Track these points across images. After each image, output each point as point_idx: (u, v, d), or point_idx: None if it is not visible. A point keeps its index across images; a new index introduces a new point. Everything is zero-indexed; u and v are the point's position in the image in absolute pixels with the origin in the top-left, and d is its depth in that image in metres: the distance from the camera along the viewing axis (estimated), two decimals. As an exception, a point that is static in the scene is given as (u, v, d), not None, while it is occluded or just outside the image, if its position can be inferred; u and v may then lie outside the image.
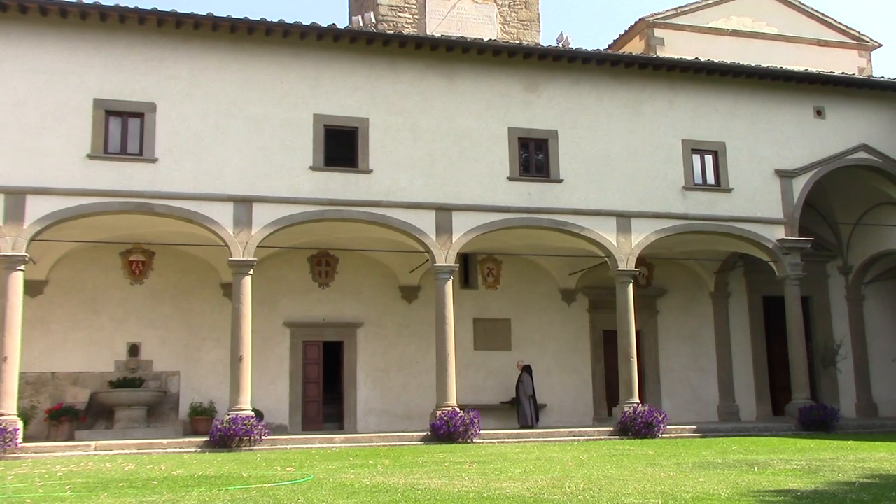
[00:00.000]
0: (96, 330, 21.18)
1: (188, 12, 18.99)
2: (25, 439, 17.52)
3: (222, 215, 18.98)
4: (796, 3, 30.26)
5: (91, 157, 18.41)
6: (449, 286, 20.30)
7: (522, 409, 22.21)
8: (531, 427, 21.58)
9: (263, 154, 19.44)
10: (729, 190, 22.49)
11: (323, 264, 23.06)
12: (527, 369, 22.54)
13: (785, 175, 22.94)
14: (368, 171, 20.02)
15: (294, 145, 19.68)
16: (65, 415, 19.96)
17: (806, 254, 23.21)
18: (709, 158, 22.66)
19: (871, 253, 26.14)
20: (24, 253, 17.75)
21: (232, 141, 19.30)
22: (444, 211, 20.37)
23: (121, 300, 21.47)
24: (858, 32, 30.57)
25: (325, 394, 22.87)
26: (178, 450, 17.50)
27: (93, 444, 17.53)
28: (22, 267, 17.82)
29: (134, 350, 21.34)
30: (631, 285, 21.62)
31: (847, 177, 24.29)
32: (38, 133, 18.19)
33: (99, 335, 21.18)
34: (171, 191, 18.70)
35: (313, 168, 19.70)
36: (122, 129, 18.85)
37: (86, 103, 18.58)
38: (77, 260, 21.07)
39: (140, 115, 18.89)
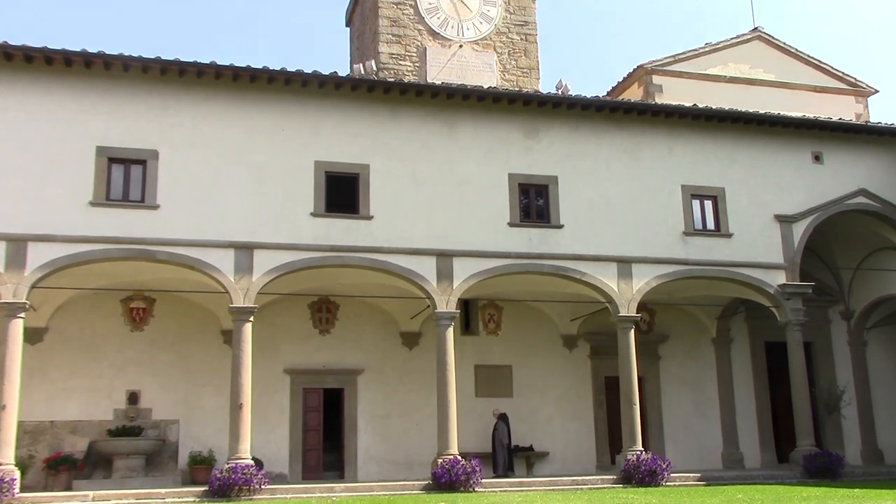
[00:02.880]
0: (96, 378, 21.05)
1: (191, 61, 19.16)
2: (23, 489, 17.32)
3: (223, 262, 18.98)
4: (792, 51, 30.58)
5: (93, 204, 18.46)
6: (450, 332, 20.22)
7: (496, 458, 21.76)
8: (505, 476, 21.05)
9: (265, 200, 19.50)
10: (729, 235, 22.52)
11: (323, 311, 23.00)
12: (502, 417, 22.21)
13: (785, 220, 22.98)
14: (369, 218, 20.07)
15: (295, 192, 19.74)
16: (63, 464, 19.75)
17: (807, 299, 23.15)
18: (708, 204, 22.72)
19: (873, 298, 26.09)
20: (24, 300, 17.71)
21: (233, 187, 19.37)
22: (444, 257, 20.37)
23: (121, 347, 21.38)
24: (855, 79, 30.85)
25: (325, 441, 22.65)
26: (176, 499, 17.27)
27: (91, 493, 17.29)
28: (22, 314, 17.76)
29: (133, 398, 21.19)
30: (632, 331, 21.53)
31: (847, 222, 24.31)
32: (40, 180, 18.26)
33: (98, 383, 21.04)
34: (172, 237, 18.71)
35: (314, 214, 19.75)
36: (125, 176, 18.92)
37: (89, 151, 18.68)
38: (78, 307, 21.02)
39: (142, 163, 18.98)
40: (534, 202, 21.51)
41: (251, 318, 19.04)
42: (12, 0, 61.22)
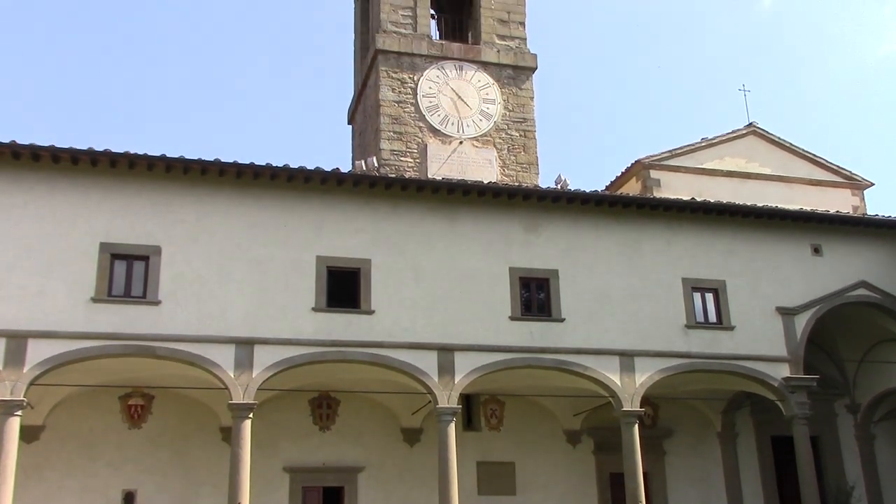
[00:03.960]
0: (91, 477, 20.67)
1: (195, 158, 19.44)
2: None
3: (224, 358, 18.85)
4: (787, 145, 30.99)
5: (95, 300, 18.46)
6: (451, 428, 19.94)
7: None
8: None
9: (266, 296, 19.50)
10: (731, 328, 22.42)
11: (324, 406, 22.75)
12: None
13: (786, 312, 22.92)
14: (370, 312, 20.04)
15: (297, 287, 19.76)
16: (54, 567, 19.26)
17: (812, 392, 22.89)
18: (709, 296, 22.68)
19: (878, 390, 25.83)
20: (22, 398, 17.53)
21: (235, 283, 19.40)
22: (446, 351, 20.25)
23: (118, 445, 21.07)
24: (850, 172, 31.16)
25: (324, 542, 22.13)
26: None
27: None
28: (19, 412, 17.57)
29: (129, 498, 20.77)
30: (636, 426, 21.21)
31: (849, 314, 24.26)
32: (43, 277, 18.29)
33: (94, 482, 20.65)
34: (173, 333, 18.65)
35: (315, 309, 19.72)
36: (127, 272, 18.98)
37: (92, 247, 18.78)
38: (75, 404, 20.79)
39: (145, 258, 19.05)
40: (535, 296, 21.51)
41: (251, 415, 18.82)
42: (16, 97, 62.66)
